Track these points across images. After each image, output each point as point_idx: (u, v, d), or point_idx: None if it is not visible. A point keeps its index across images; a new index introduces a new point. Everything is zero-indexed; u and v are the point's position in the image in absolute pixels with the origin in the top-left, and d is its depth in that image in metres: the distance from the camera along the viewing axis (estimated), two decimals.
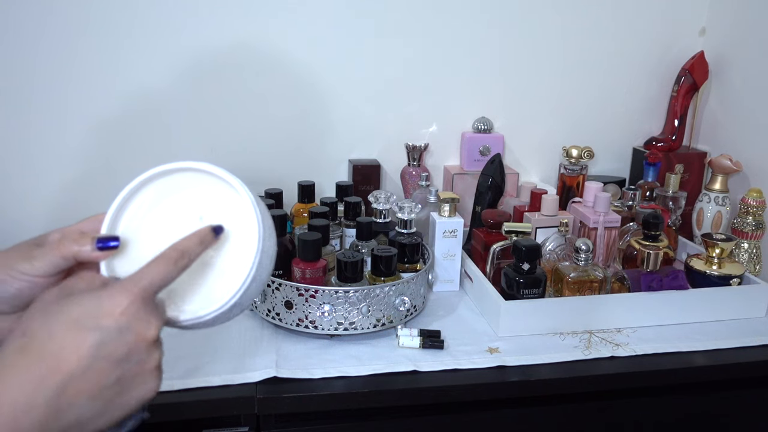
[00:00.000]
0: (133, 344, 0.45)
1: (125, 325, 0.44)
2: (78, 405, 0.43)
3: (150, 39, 1.19)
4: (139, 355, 0.45)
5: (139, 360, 0.45)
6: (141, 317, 0.45)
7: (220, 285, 0.53)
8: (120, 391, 0.45)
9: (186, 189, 0.55)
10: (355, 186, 1.24)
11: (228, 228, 0.54)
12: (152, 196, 0.55)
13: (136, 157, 1.24)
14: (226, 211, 0.54)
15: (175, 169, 0.54)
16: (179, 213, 0.54)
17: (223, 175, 0.53)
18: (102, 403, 0.44)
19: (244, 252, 0.53)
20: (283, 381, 0.82)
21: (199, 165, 0.54)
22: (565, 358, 0.90)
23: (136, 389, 0.46)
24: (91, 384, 0.43)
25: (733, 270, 1.04)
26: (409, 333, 0.91)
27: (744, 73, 1.29)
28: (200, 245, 0.50)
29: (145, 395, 0.46)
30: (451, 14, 1.28)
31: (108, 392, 0.44)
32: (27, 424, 0.41)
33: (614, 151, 1.43)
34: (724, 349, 0.94)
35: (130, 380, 0.45)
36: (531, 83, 1.36)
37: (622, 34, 1.36)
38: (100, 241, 0.51)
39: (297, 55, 1.25)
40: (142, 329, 0.45)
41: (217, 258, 0.54)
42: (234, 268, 0.53)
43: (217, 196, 0.54)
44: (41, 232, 0.54)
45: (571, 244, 1.03)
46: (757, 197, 1.15)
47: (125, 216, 0.54)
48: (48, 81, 1.17)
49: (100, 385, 0.44)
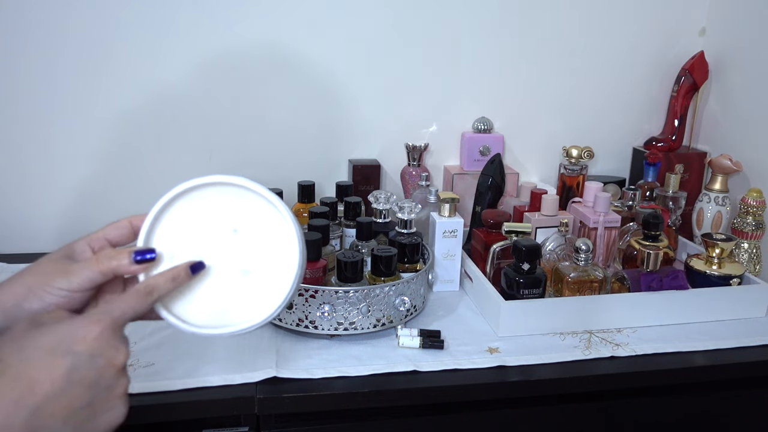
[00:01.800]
0: (104, 369, 0.47)
1: (97, 351, 0.46)
2: (51, 428, 0.44)
3: (152, 41, 1.18)
4: (108, 380, 0.47)
5: (108, 386, 0.47)
6: (111, 344, 0.47)
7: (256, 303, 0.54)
8: (90, 416, 0.46)
9: (220, 203, 0.55)
10: (355, 186, 1.24)
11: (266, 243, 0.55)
12: (187, 208, 0.55)
13: (137, 156, 1.24)
14: (262, 226, 0.55)
15: (210, 183, 0.55)
16: (213, 225, 0.55)
17: (260, 191, 0.54)
18: (72, 427, 0.45)
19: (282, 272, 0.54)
20: (283, 381, 0.82)
21: (234, 180, 0.54)
22: (565, 358, 0.90)
23: (105, 414, 0.47)
24: (64, 407, 0.45)
25: (733, 270, 1.04)
26: (409, 333, 0.91)
27: (744, 73, 1.29)
28: (171, 282, 0.53)
29: (113, 421, 0.48)
30: (451, 14, 1.28)
31: (79, 415, 0.45)
32: None
33: (614, 151, 1.43)
34: (724, 349, 0.94)
35: (100, 405, 0.47)
36: (531, 83, 1.36)
37: (622, 34, 1.36)
38: (137, 254, 0.53)
39: (297, 56, 1.25)
40: (111, 355, 0.47)
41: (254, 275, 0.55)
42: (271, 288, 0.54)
43: (252, 210, 0.55)
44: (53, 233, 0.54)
45: (571, 244, 1.03)
46: (757, 197, 1.15)
47: (160, 228, 0.55)
48: (49, 85, 1.17)
49: (72, 408, 0.45)
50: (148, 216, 0.55)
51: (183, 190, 0.55)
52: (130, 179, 1.25)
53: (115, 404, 0.48)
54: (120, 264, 0.52)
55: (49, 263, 0.53)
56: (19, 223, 1.22)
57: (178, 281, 0.53)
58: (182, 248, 0.55)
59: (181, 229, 0.55)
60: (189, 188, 0.55)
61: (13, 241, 1.21)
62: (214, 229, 0.55)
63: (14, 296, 0.52)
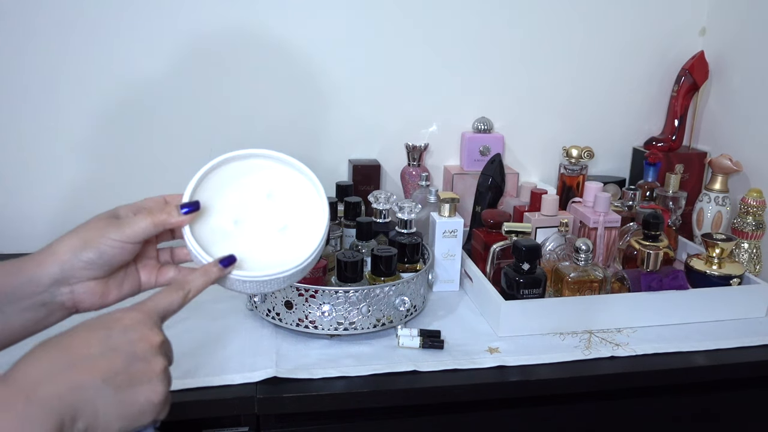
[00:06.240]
0: (137, 342, 0.49)
1: (131, 327, 0.50)
2: (92, 386, 0.46)
3: (152, 41, 1.19)
4: (144, 353, 0.49)
5: (144, 358, 0.49)
6: (146, 325, 0.51)
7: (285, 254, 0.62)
8: (129, 382, 0.48)
9: (257, 171, 0.64)
10: (355, 186, 1.24)
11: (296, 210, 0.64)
12: (227, 174, 0.63)
13: (136, 157, 1.24)
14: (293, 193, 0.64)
15: (249, 154, 0.63)
16: (250, 189, 0.64)
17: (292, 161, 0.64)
18: (113, 390, 0.47)
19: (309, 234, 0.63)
20: (283, 381, 0.82)
21: (269, 152, 0.64)
22: (565, 358, 0.90)
23: (145, 386, 0.49)
24: (101, 368, 0.47)
25: (733, 270, 1.04)
26: (409, 333, 0.91)
27: (744, 73, 1.29)
28: (203, 277, 0.57)
29: (153, 397, 0.49)
30: (451, 14, 1.28)
31: (118, 379, 0.47)
32: (45, 393, 0.44)
33: (614, 151, 1.43)
34: (724, 349, 0.94)
35: (138, 375, 0.48)
36: (531, 83, 1.36)
37: (622, 34, 1.36)
38: (183, 207, 0.59)
39: (297, 55, 1.25)
40: (145, 333, 0.50)
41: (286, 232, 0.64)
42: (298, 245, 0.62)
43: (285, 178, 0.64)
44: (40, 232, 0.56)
45: (571, 244, 1.03)
46: (757, 197, 1.15)
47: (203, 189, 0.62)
48: (41, 78, 1.17)
49: (110, 370, 0.47)
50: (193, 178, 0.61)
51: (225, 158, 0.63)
52: (128, 178, 1.25)
53: (153, 379, 0.49)
54: (170, 215, 0.58)
55: (100, 220, 0.58)
56: (8, 223, 1.22)
57: (210, 276, 0.58)
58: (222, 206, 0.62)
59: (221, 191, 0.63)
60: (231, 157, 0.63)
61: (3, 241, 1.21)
62: (251, 191, 0.64)
63: (71, 248, 0.56)
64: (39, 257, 0.57)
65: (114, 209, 0.61)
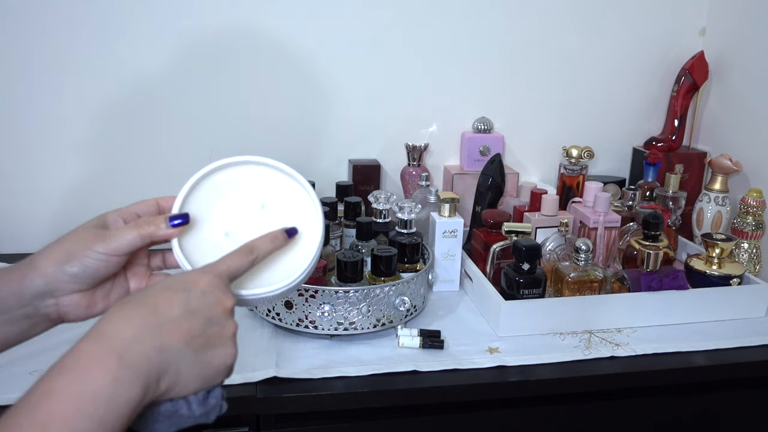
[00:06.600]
0: (214, 306, 0.51)
1: (208, 290, 0.51)
2: (175, 348, 0.48)
3: (153, 41, 1.19)
4: (219, 318, 0.51)
5: (219, 322, 0.51)
6: (220, 288, 0.52)
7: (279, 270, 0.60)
8: (206, 344, 0.50)
9: (250, 180, 0.61)
10: (355, 186, 1.24)
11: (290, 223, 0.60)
12: (219, 183, 0.60)
13: (136, 157, 1.24)
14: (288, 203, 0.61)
15: (241, 161, 0.60)
16: (243, 200, 0.61)
17: (288, 170, 0.61)
18: (193, 352, 0.49)
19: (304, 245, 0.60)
20: (283, 381, 0.82)
21: (263, 159, 0.60)
22: (565, 358, 0.90)
23: (219, 349, 0.51)
24: (184, 331, 0.48)
25: (733, 270, 1.04)
26: (409, 333, 0.91)
27: (744, 73, 1.29)
28: (271, 244, 0.57)
29: (226, 360, 0.51)
30: (451, 14, 1.28)
31: (197, 342, 0.49)
32: (135, 354, 0.45)
33: (614, 151, 1.43)
34: (724, 349, 0.94)
35: (214, 338, 0.50)
36: (531, 83, 1.36)
37: (622, 34, 1.36)
38: (172, 219, 0.57)
39: (297, 56, 1.25)
40: (220, 296, 0.52)
41: None
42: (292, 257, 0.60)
43: (279, 188, 0.61)
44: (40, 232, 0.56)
45: (571, 244, 1.03)
46: (757, 197, 1.15)
47: (193, 199, 0.59)
48: (41, 78, 1.17)
49: (190, 333, 0.49)
50: (183, 188, 0.59)
51: (216, 166, 0.60)
52: (128, 178, 1.25)
53: (227, 342, 0.51)
54: (158, 228, 0.56)
55: (86, 231, 0.56)
56: (8, 223, 1.22)
57: (277, 243, 0.58)
58: (214, 218, 0.60)
59: (213, 201, 0.60)
60: (222, 165, 0.60)
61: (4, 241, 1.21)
62: (244, 202, 0.61)
63: (55, 261, 0.55)
64: (22, 270, 0.55)
65: (102, 216, 0.59)
